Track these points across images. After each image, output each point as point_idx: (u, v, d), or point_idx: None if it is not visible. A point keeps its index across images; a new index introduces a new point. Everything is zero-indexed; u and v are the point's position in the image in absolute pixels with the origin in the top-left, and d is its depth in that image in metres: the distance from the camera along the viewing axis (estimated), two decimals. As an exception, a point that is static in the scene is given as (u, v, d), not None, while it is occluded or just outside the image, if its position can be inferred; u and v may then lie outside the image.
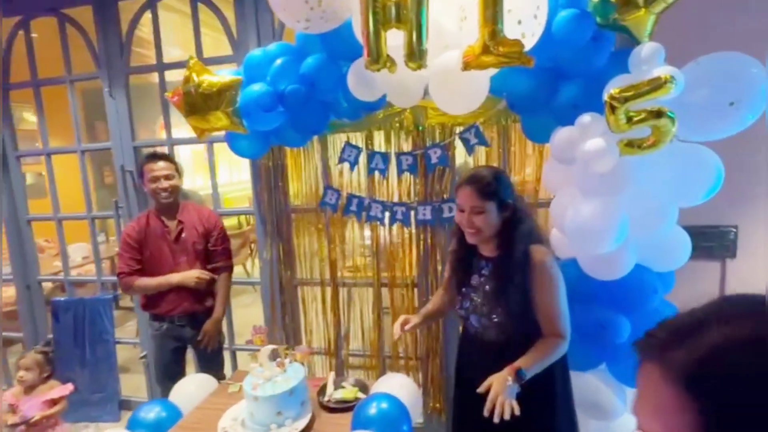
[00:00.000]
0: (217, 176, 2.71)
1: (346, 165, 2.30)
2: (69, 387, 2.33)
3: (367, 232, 2.45)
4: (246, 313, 3.76)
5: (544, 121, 1.63)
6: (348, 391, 1.61)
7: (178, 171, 2.16)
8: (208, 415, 1.58)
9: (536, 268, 1.34)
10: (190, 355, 2.32)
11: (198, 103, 1.80)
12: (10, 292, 3.16)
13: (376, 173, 2.29)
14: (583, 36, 1.39)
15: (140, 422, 1.45)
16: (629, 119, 1.24)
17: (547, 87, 1.55)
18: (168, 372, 2.21)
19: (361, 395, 1.61)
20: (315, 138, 2.36)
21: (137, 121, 2.71)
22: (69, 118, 2.78)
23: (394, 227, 2.34)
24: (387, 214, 2.31)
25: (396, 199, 2.31)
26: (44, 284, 3.24)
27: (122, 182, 2.69)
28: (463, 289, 1.51)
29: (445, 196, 2.23)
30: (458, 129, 2.12)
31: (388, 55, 1.35)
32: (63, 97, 2.76)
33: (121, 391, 2.85)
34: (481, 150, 2.15)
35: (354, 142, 2.28)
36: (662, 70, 1.21)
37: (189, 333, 2.21)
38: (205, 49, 2.49)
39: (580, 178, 1.46)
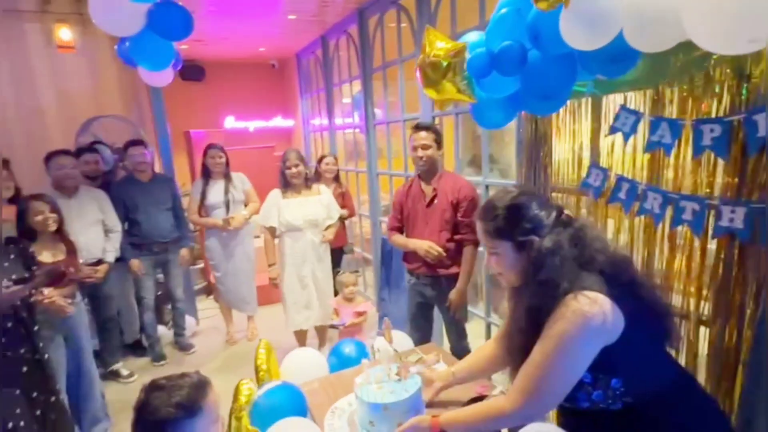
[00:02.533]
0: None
1: (620, 137, 1.72)
2: (370, 306, 3.01)
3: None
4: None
5: None
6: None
7: (437, 141, 2.26)
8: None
9: (558, 312, 0.99)
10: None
11: (428, 74, 1.80)
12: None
13: (660, 149, 1.60)
14: None
15: (337, 352, 1.76)
16: None
17: None
18: (413, 323, 2.47)
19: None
20: (587, 100, 1.88)
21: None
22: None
23: (678, 229, 1.60)
24: (669, 209, 1.60)
25: (686, 190, 1.56)
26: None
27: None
28: None
29: (775, 193, 1.31)
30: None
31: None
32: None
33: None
34: None
35: (634, 106, 1.67)
36: None
37: (430, 293, 2.37)
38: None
39: None
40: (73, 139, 3.87)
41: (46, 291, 1.88)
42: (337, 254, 3.65)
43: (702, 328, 1.58)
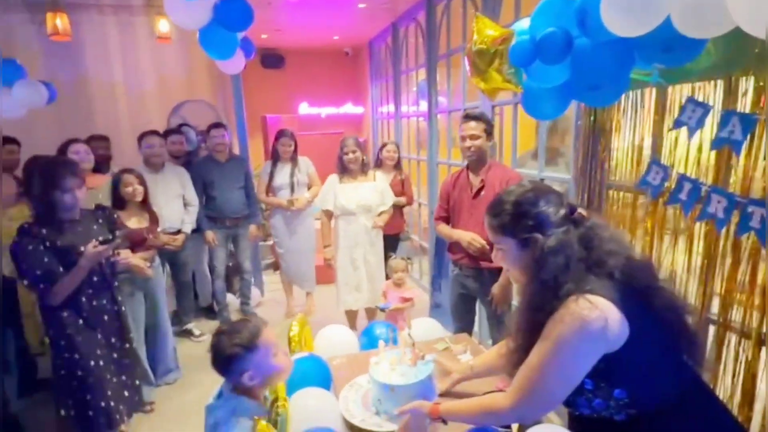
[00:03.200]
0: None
1: (685, 132, 1.57)
2: (417, 293, 3.05)
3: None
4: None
5: None
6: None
7: (487, 132, 2.21)
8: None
9: (558, 314, 0.95)
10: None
11: (476, 62, 1.77)
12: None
13: (728, 147, 1.43)
14: None
15: (368, 332, 1.83)
16: None
17: None
18: (455, 314, 2.47)
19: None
20: (651, 91, 1.73)
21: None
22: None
23: (744, 238, 1.43)
24: (734, 214, 1.43)
25: (755, 195, 1.38)
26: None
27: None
28: None
29: None
30: None
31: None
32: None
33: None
34: None
35: (703, 98, 1.51)
36: None
37: (473, 285, 2.34)
38: None
39: None
40: (165, 121, 4.33)
41: (124, 253, 2.17)
42: (393, 241, 3.72)
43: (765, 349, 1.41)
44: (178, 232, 3.30)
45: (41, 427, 2.59)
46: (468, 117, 2.25)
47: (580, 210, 1.05)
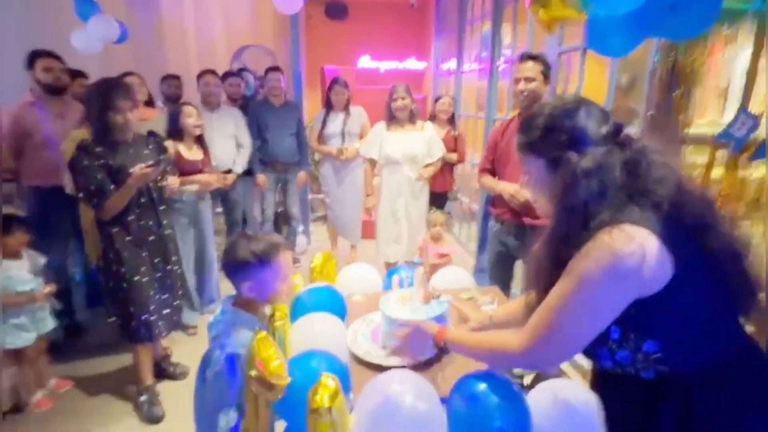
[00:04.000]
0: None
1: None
2: (454, 249, 2.95)
3: None
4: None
5: None
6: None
7: (545, 74, 1.99)
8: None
9: (585, 247, 0.80)
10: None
11: (537, -13, 1.56)
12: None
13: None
14: None
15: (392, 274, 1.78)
16: None
17: None
18: (492, 272, 2.34)
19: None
20: (750, 24, 1.44)
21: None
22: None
23: None
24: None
25: None
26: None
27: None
28: None
29: None
30: None
31: None
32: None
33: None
34: None
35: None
36: None
37: (513, 242, 2.19)
38: None
39: None
40: (228, 64, 4.44)
41: (170, 179, 2.26)
42: (440, 199, 3.59)
43: None
44: (229, 171, 3.41)
45: (100, 333, 2.87)
46: (524, 57, 2.04)
47: (628, 130, 0.88)
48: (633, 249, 0.76)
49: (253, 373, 1.04)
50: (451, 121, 3.68)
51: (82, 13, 3.26)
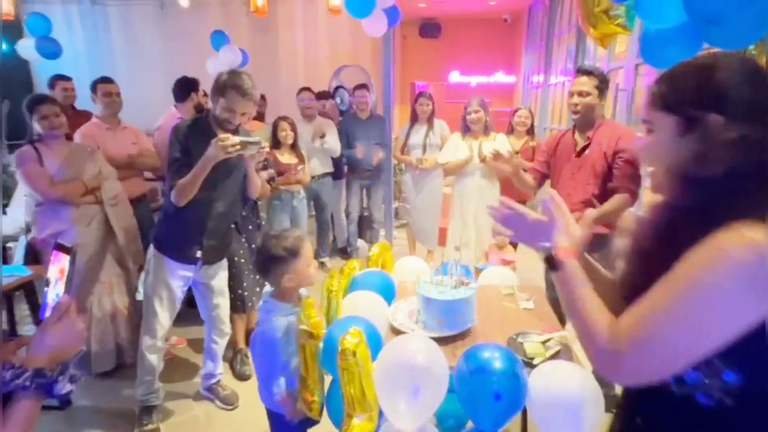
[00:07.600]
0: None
1: None
2: (518, 257, 3.03)
3: None
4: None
5: None
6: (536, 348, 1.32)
7: (600, 89, 2.03)
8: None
9: (705, 242, 0.65)
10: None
11: (587, 5, 1.67)
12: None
13: None
14: None
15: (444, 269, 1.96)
16: None
17: None
18: (547, 280, 2.39)
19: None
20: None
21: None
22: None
23: None
24: None
25: None
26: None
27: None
28: None
29: None
30: None
31: None
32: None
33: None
34: None
35: None
36: None
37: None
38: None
39: None
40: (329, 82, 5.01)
41: (266, 174, 2.73)
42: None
43: None
44: (323, 175, 3.87)
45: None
46: (580, 71, 2.09)
47: None
48: (755, 254, 0.61)
49: (302, 327, 1.34)
50: (530, 132, 3.72)
51: (215, 45, 4.01)
